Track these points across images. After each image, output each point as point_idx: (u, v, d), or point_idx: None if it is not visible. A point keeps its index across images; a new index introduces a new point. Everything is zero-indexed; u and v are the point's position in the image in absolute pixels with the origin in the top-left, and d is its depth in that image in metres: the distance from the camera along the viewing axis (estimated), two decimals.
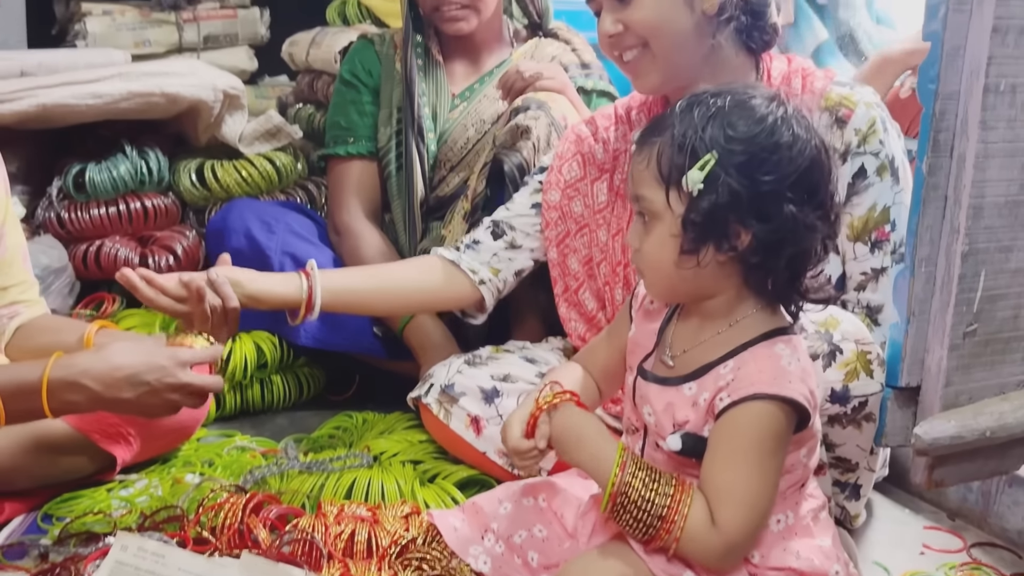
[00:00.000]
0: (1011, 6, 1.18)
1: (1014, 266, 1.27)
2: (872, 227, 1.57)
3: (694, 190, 1.16)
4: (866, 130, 1.56)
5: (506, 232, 1.84)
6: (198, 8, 3.01)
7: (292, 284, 1.67)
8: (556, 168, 1.83)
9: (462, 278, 1.81)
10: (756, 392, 1.15)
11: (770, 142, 1.16)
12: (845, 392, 1.40)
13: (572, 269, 1.84)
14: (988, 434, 1.26)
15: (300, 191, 2.62)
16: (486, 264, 1.82)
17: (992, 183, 1.23)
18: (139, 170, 2.40)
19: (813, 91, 1.61)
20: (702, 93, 1.22)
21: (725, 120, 1.17)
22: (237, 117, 2.50)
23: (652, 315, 1.33)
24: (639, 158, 1.22)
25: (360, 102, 2.29)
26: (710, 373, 1.21)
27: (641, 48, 1.60)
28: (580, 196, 1.81)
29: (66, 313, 2.27)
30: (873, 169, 1.56)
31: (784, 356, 1.18)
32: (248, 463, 1.80)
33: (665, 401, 1.24)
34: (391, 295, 1.80)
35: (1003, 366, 1.31)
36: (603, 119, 1.83)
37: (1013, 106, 1.22)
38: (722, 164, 1.15)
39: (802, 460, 1.23)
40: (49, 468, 1.65)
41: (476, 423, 1.71)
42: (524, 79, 2.05)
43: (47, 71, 2.37)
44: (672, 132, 1.19)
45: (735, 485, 1.16)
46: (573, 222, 1.82)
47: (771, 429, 1.16)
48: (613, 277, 1.79)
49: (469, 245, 1.83)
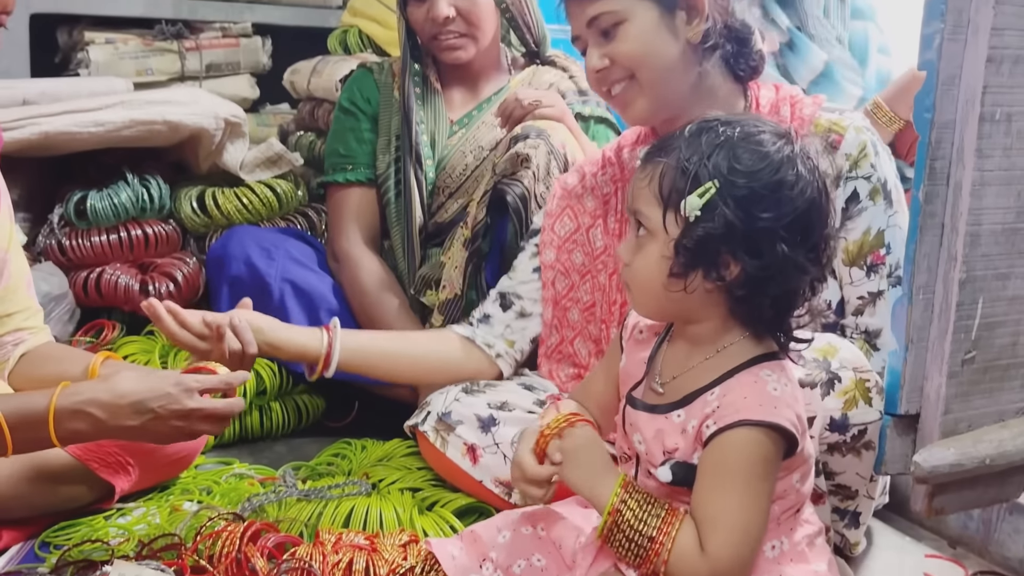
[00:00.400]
0: (1005, 36, 1.19)
1: (1011, 293, 1.27)
2: (867, 251, 1.57)
3: (691, 216, 1.16)
4: (857, 154, 1.57)
5: (514, 302, 1.85)
6: (200, 37, 3.03)
7: (313, 338, 1.70)
8: (548, 227, 1.84)
9: (479, 353, 1.83)
10: (742, 419, 1.15)
11: (772, 179, 1.16)
12: (844, 420, 1.40)
13: (571, 320, 1.85)
14: (988, 462, 1.26)
15: (300, 218, 2.63)
16: (500, 337, 1.84)
17: (988, 211, 1.23)
18: (140, 197, 2.41)
19: (802, 118, 1.62)
20: (713, 120, 1.22)
21: (731, 151, 1.18)
22: (238, 145, 2.51)
23: (642, 344, 1.33)
24: (642, 174, 1.23)
25: (359, 130, 2.31)
26: (697, 400, 1.21)
27: (628, 80, 1.62)
28: (579, 247, 1.83)
29: (66, 340, 2.27)
30: (866, 193, 1.57)
31: (770, 381, 1.18)
32: (246, 491, 1.79)
33: (655, 429, 1.24)
34: (410, 363, 1.82)
35: (1002, 393, 1.31)
36: (590, 166, 1.85)
37: (1008, 134, 1.22)
38: (722, 194, 1.15)
39: (795, 486, 1.23)
40: (48, 497, 1.64)
41: (472, 451, 1.70)
42: (523, 107, 2.06)
43: (49, 99, 2.39)
44: (678, 155, 1.19)
45: (723, 512, 1.15)
46: (576, 274, 1.83)
47: (758, 455, 1.16)
48: (609, 316, 1.80)
49: (481, 319, 1.85)
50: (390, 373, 1.85)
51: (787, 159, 1.18)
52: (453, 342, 1.84)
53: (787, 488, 1.22)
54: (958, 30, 1.20)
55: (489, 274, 2.00)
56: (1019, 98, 1.21)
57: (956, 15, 1.19)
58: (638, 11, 1.58)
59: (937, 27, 1.19)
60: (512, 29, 2.31)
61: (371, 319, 2.17)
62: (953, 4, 1.18)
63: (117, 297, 2.38)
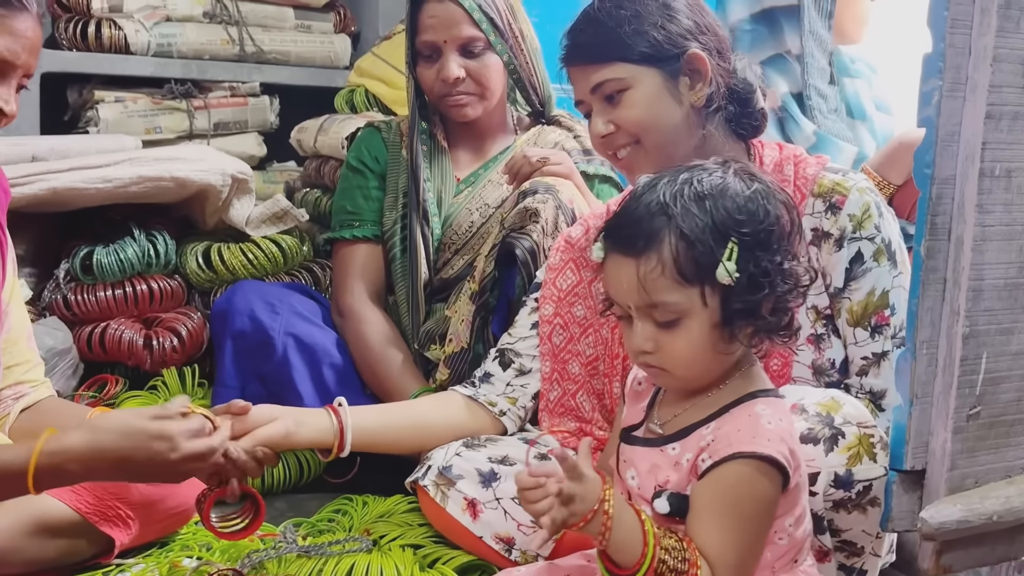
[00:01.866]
0: (1003, 93, 1.20)
1: (1015, 348, 1.27)
2: (872, 312, 1.57)
3: (732, 281, 1.18)
4: (860, 215, 1.58)
5: (512, 360, 1.85)
6: (209, 96, 3.07)
7: (323, 426, 1.63)
8: (550, 282, 1.84)
9: (483, 412, 1.82)
10: (735, 452, 1.16)
11: (768, 213, 1.21)
12: (849, 476, 1.38)
13: (572, 373, 1.84)
14: (995, 518, 1.25)
15: (305, 273, 2.64)
16: (502, 396, 1.83)
17: (990, 266, 1.23)
18: (146, 253, 2.42)
19: (805, 177, 1.63)
20: (669, 183, 1.23)
21: (725, 203, 1.20)
22: (245, 201, 2.53)
23: (641, 395, 1.35)
24: (645, 266, 1.20)
25: (366, 187, 2.33)
26: (693, 435, 1.22)
27: (633, 145, 1.64)
28: (580, 300, 1.82)
29: (69, 394, 2.27)
30: (870, 254, 1.58)
31: (764, 416, 1.20)
32: (246, 547, 1.77)
33: (650, 463, 1.24)
34: (417, 433, 1.79)
35: (1008, 449, 1.30)
36: (594, 219, 1.86)
37: (1009, 190, 1.23)
38: (742, 246, 1.18)
39: (787, 529, 1.23)
40: (46, 551, 1.62)
41: (473, 507, 1.68)
42: (531, 164, 2.08)
43: (58, 156, 2.41)
44: (679, 230, 1.19)
45: (725, 549, 1.16)
46: (577, 327, 1.83)
47: (753, 488, 1.17)
48: (611, 370, 1.79)
49: (482, 379, 1.84)
50: (398, 445, 1.82)
51: (758, 189, 1.22)
52: (457, 404, 1.83)
53: (779, 530, 1.22)
54: (956, 87, 1.21)
55: (496, 327, 1.99)
56: (1019, 154, 1.23)
57: (954, 72, 1.20)
58: (642, 78, 1.60)
59: (935, 84, 1.20)
60: (518, 89, 2.35)
61: (375, 374, 2.16)
62: (951, 61, 1.20)
63: (121, 352, 2.38)
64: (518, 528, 1.64)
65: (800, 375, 1.60)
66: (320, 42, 3.31)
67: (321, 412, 1.65)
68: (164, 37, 3.00)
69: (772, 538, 1.22)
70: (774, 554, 1.22)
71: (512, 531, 1.64)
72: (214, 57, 3.11)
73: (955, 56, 1.20)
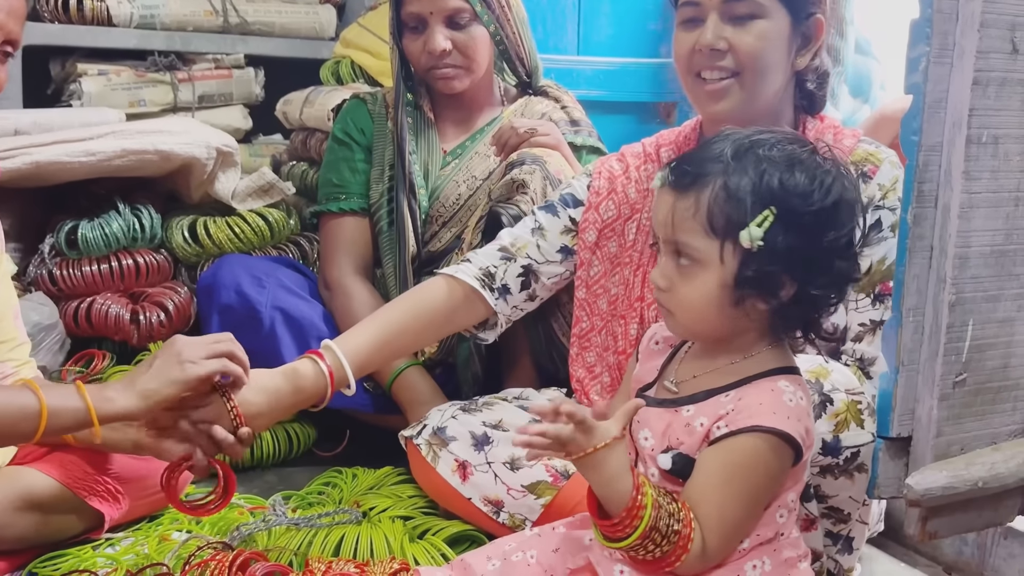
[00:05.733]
0: (991, 59, 1.20)
1: (1001, 315, 1.27)
2: (877, 279, 1.57)
3: (753, 247, 1.16)
4: (889, 186, 1.59)
5: (531, 284, 1.83)
6: (193, 68, 3.04)
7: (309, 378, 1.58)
8: (594, 206, 1.82)
9: (484, 310, 1.80)
10: (754, 424, 1.17)
11: (827, 201, 1.18)
12: (836, 443, 1.39)
13: (600, 308, 1.84)
14: (981, 485, 1.25)
15: (292, 247, 2.63)
16: (506, 317, 1.84)
17: (977, 233, 1.23)
18: (132, 227, 2.41)
19: (842, 147, 1.63)
20: (746, 139, 1.21)
21: (781, 175, 1.17)
22: (230, 174, 2.52)
23: (657, 354, 1.35)
24: (683, 203, 1.20)
25: (352, 160, 2.31)
26: (711, 400, 1.22)
27: (731, 77, 1.61)
28: (616, 236, 1.82)
29: (56, 370, 2.26)
30: (888, 224, 1.58)
31: (787, 392, 1.19)
32: (236, 520, 1.78)
33: (664, 423, 1.24)
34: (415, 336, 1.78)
35: (994, 416, 1.30)
36: (633, 157, 1.84)
37: (996, 157, 1.23)
38: (780, 220, 1.16)
39: (790, 504, 1.24)
40: (37, 527, 1.62)
41: (463, 468, 1.69)
42: (519, 135, 2.07)
43: (41, 130, 2.39)
44: (725, 181, 1.18)
45: (722, 512, 1.17)
46: (608, 262, 1.82)
47: (764, 463, 1.17)
48: (629, 312, 1.79)
49: (500, 290, 1.80)
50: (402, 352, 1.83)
51: (835, 177, 1.19)
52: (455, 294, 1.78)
53: (782, 505, 1.23)
54: (944, 53, 1.20)
55: None
56: (1005, 120, 1.22)
57: (942, 38, 1.20)
58: (777, 14, 1.59)
59: (923, 50, 1.20)
60: (504, 60, 2.33)
61: None
62: (939, 27, 1.19)
63: (107, 327, 2.37)
64: (507, 492, 1.64)
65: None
66: (305, 13, 3.27)
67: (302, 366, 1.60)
68: (147, 8, 2.97)
69: (773, 514, 1.22)
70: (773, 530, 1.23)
71: (502, 495, 1.65)
72: (197, 28, 3.08)
73: (942, 22, 1.19)
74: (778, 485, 1.21)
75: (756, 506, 1.20)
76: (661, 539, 1.15)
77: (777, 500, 1.22)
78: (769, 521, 1.23)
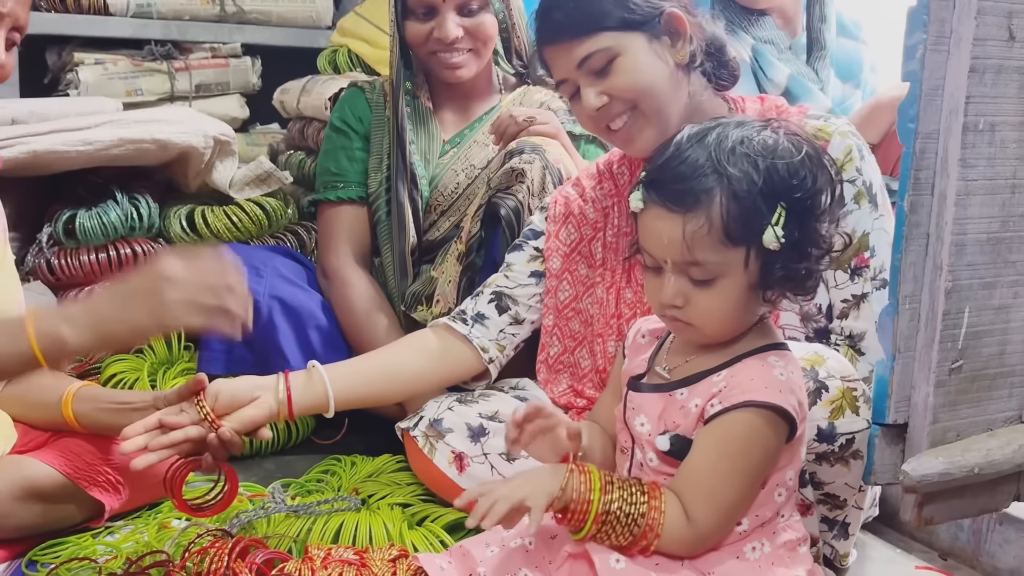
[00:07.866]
0: (987, 46, 1.20)
1: (998, 303, 1.28)
2: (851, 254, 1.58)
3: (779, 245, 1.18)
4: (843, 158, 1.58)
5: (510, 307, 1.83)
6: (190, 57, 3.04)
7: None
8: (553, 234, 1.83)
9: (470, 354, 1.80)
10: (746, 400, 1.18)
11: (816, 179, 1.21)
12: (831, 430, 1.40)
13: (573, 330, 1.84)
14: (976, 471, 1.26)
15: (290, 236, 2.63)
16: (494, 342, 1.82)
17: (973, 220, 1.24)
18: (129, 216, 2.40)
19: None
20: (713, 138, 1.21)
21: (774, 168, 1.19)
22: (228, 163, 2.51)
23: (644, 347, 1.36)
24: (693, 223, 1.19)
25: (350, 148, 2.31)
26: (704, 381, 1.23)
27: (630, 112, 1.62)
28: (583, 258, 1.83)
29: None
30: (851, 196, 1.58)
31: (777, 367, 1.22)
32: (235, 507, 1.77)
33: (660, 407, 1.26)
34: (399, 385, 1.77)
35: (990, 403, 1.31)
36: (587, 179, 1.85)
37: (992, 144, 1.23)
38: (790, 212, 1.19)
39: (788, 483, 1.25)
40: (37, 516, 1.63)
41: (460, 460, 1.70)
42: (518, 123, 2.07)
43: (38, 119, 2.38)
44: (729, 190, 1.18)
45: (718, 490, 1.19)
46: (581, 285, 1.83)
47: (759, 438, 1.19)
48: (606, 329, 1.80)
49: (475, 318, 1.82)
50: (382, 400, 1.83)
51: (810, 150, 1.22)
52: (438, 346, 1.79)
53: (780, 484, 1.25)
54: (941, 40, 1.20)
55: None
56: (1002, 108, 1.22)
57: (939, 25, 1.20)
58: (628, 44, 1.59)
59: (920, 38, 1.20)
60: (506, 49, 2.33)
61: (360, 337, 2.16)
62: (935, 15, 1.19)
63: None
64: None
65: (788, 322, 1.60)
66: (302, 1, 3.27)
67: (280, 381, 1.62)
68: None
69: (771, 493, 1.24)
70: (771, 510, 1.24)
71: None
72: (194, 18, 3.07)
73: (940, 9, 1.19)
74: (773, 461, 1.22)
75: (752, 482, 1.21)
76: (618, 524, 1.18)
77: (774, 478, 1.24)
78: (767, 501, 1.24)
